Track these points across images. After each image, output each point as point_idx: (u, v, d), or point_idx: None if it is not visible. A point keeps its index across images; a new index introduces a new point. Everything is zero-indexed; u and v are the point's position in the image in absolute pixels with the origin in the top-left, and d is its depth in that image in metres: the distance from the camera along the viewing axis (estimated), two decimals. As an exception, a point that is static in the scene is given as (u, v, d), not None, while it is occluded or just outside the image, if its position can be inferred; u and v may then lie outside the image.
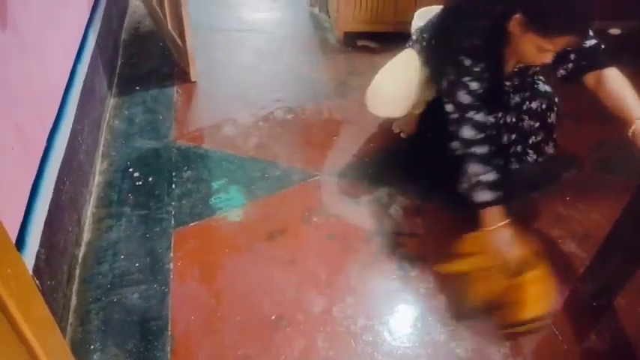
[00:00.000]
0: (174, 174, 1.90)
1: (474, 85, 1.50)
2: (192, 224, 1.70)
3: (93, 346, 1.34)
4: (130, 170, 1.90)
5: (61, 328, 1.33)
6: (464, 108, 1.52)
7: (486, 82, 1.52)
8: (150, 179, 1.86)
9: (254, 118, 2.23)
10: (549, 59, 1.43)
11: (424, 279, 1.57)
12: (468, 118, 1.51)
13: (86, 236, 1.64)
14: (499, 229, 1.41)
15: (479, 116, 1.51)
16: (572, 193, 1.88)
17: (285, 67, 2.64)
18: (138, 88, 2.37)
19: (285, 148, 2.07)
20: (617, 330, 1.46)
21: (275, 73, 2.59)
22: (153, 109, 2.25)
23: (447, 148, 1.56)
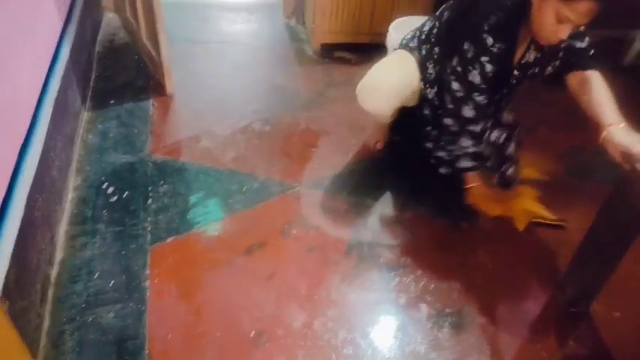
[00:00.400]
0: (150, 188, 1.86)
1: (488, 67, 1.54)
2: (169, 240, 1.67)
3: (67, 369, 1.30)
4: (105, 186, 1.86)
5: (34, 350, 1.30)
6: (473, 88, 1.58)
7: (499, 65, 1.54)
8: (125, 194, 1.83)
9: (231, 130, 2.22)
10: (566, 34, 1.41)
11: (404, 289, 1.57)
12: (472, 98, 1.58)
13: (60, 254, 1.60)
14: (476, 187, 1.81)
15: (481, 98, 1.58)
16: (548, 199, 1.91)
17: (263, 79, 2.64)
18: (112, 101, 2.34)
19: (264, 160, 2.06)
20: (596, 336, 1.48)
21: (252, 84, 2.59)
22: (128, 122, 2.21)
23: (421, 151, 1.72)
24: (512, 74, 1.65)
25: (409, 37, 1.87)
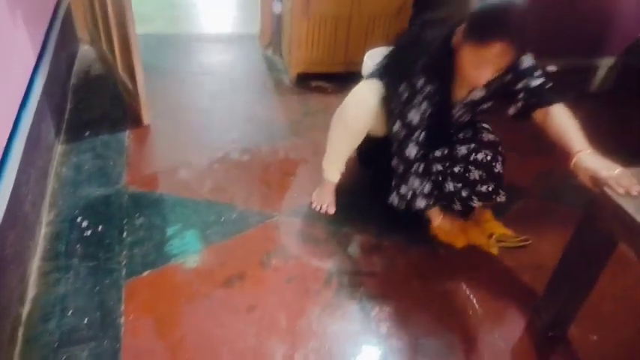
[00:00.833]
0: (125, 221, 1.84)
1: (424, 106, 1.58)
2: (145, 274, 1.64)
3: (37, 413, 1.25)
4: (79, 219, 1.82)
5: (2, 395, 1.24)
6: (412, 128, 1.62)
7: (435, 106, 1.59)
8: (100, 228, 1.79)
9: (209, 160, 2.21)
10: (485, 78, 1.45)
11: (384, 318, 1.57)
12: (414, 137, 1.63)
13: (32, 292, 1.55)
14: (440, 223, 1.85)
15: (422, 136, 1.63)
16: (521, 224, 1.94)
17: (240, 109, 2.65)
18: (87, 133, 2.31)
19: (242, 189, 2.05)
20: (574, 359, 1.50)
21: (230, 114, 2.60)
22: (103, 154, 2.19)
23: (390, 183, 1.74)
24: (451, 113, 1.70)
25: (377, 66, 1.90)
